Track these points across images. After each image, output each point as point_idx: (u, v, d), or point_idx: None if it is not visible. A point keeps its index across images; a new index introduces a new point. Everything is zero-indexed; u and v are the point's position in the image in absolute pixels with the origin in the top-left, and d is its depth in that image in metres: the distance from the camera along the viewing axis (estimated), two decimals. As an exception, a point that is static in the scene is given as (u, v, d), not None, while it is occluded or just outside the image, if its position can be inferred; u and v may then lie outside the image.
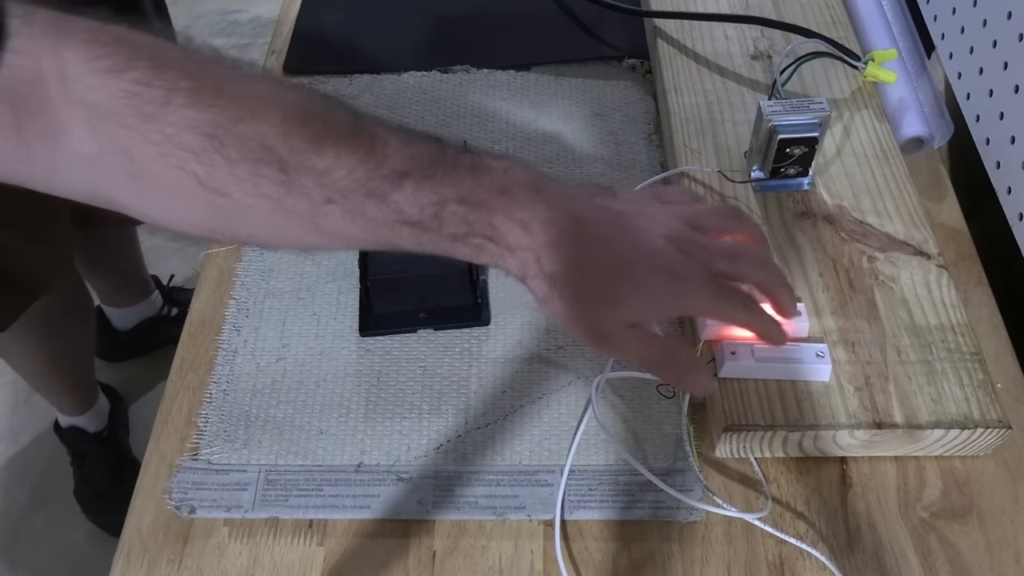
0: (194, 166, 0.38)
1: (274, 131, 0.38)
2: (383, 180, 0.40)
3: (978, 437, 0.51)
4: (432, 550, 0.51)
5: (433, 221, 0.41)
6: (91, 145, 0.37)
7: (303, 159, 0.39)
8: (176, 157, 0.37)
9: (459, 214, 0.41)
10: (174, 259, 1.61)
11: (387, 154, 0.40)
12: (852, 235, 0.59)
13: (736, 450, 0.53)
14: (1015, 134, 0.60)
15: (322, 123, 0.40)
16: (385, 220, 0.41)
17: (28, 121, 0.36)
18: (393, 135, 0.41)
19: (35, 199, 0.85)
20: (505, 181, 0.43)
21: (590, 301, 0.43)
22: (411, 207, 0.41)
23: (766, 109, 0.58)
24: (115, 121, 0.36)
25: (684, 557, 0.50)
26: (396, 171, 0.40)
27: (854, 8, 0.75)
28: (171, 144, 0.37)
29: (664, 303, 0.45)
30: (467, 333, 0.60)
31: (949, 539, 0.51)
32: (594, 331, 0.44)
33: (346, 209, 0.40)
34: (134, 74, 0.36)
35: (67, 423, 1.30)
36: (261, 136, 0.38)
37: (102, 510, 1.30)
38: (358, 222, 0.41)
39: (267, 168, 0.38)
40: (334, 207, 0.40)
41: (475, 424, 0.56)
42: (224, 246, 0.66)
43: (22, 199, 0.90)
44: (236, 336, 0.61)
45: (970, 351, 0.53)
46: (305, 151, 0.39)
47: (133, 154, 0.37)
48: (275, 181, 0.39)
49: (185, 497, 0.53)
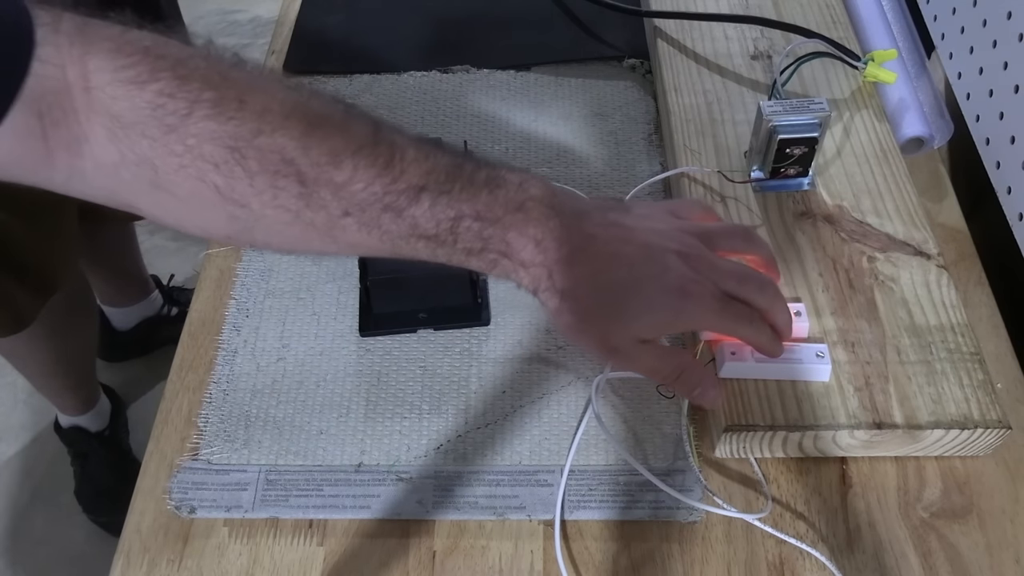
0: (214, 177, 0.38)
1: (294, 144, 0.39)
2: (400, 194, 0.40)
3: (978, 437, 0.51)
4: (432, 550, 0.51)
5: (449, 235, 0.42)
6: (113, 155, 0.37)
7: (322, 172, 0.39)
8: (197, 168, 0.38)
9: (474, 230, 0.42)
10: (174, 259, 1.61)
11: (405, 167, 0.41)
12: (852, 235, 0.59)
13: (736, 450, 0.53)
14: (1015, 134, 0.60)
15: (342, 134, 0.40)
16: (401, 233, 0.42)
17: (53, 130, 0.36)
18: (411, 146, 0.41)
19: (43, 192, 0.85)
20: (520, 197, 0.43)
21: (600, 317, 0.44)
22: (427, 222, 0.41)
23: (766, 109, 0.58)
24: (138, 132, 0.37)
25: (684, 557, 0.50)
26: (413, 185, 0.41)
27: (854, 8, 0.75)
28: (192, 156, 0.37)
29: (673, 320, 0.46)
30: (467, 333, 0.60)
31: (949, 539, 0.51)
32: (604, 346, 0.45)
33: (362, 222, 0.41)
34: (157, 85, 0.36)
35: (68, 423, 1.30)
36: (281, 149, 0.38)
37: (105, 510, 1.30)
38: (374, 234, 0.41)
39: (287, 181, 0.39)
40: (351, 219, 0.41)
41: (475, 424, 0.56)
42: (225, 246, 0.66)
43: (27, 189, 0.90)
44: (236, 336, 0.61)
45: (970, 351, 0.53)
46: (325, 164, 0.39)
47: (156, 165, 0.37)
48: (294, 194, 0.39)
49: (185, 497, 0.53)
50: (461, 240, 0.42)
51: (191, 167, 0.38)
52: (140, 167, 0.37)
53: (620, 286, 0.44)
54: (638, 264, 0.45)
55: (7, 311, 1.03)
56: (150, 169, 0.38)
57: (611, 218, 0.46)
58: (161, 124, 0.36)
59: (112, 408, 1.34)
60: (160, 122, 0.36)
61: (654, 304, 0.44)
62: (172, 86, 0.36)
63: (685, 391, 0.48)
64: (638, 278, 0.44)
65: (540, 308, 0.45)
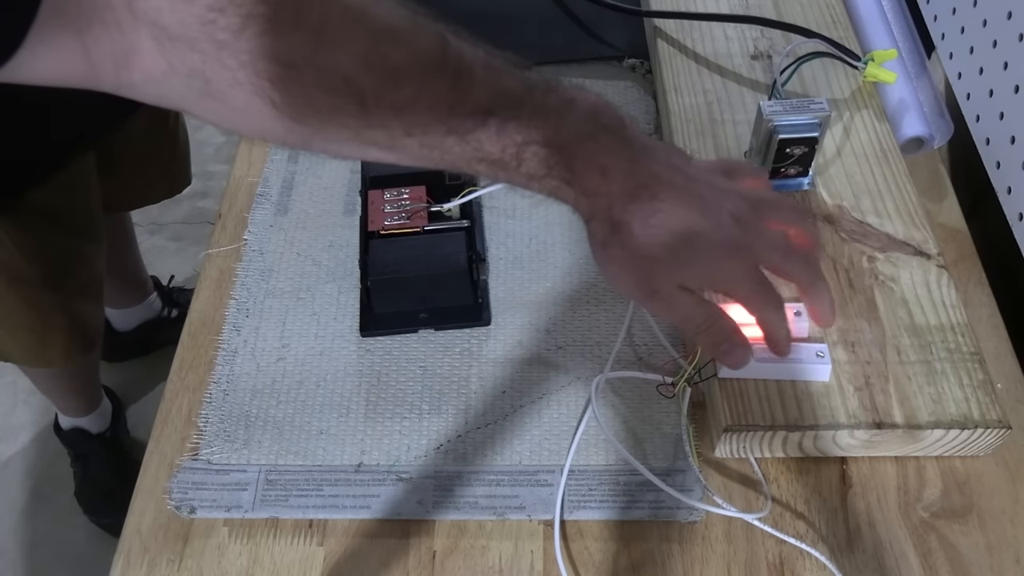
0: (271, 93, 0.36)
1: (355, 63, 0.37)
2: (466, 117, 0.39)
3: (978, 437, 0.51)
4: (432, 550, 0.51)
5: (513, 160, 0.41)
6: (162, 65, 0.36)
7: (383, 92, 0.38)
8: (252, 85, 0.36)
9: (540, 156, 0.41)
10: (174, 259, 1.61)
11: (472, 88, 0.39)
12: (852, 235, 0.59)
13: (736, 450, 0.53)
14: (1015, 134, 0.60)
15: (406, 51, 0.38)
16: (464, 156, 0.41)
17: (95, 46, 0.34)
18: (479, 64, 0.40)
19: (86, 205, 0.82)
20: (591, 124, 0.42)
21: (649, 255, 0.44)
22: (492, 146, 0.40)
23: (766, 109, 0.58)
24: (187, 45, 0.35)
25: (684, 557, 0.50)
26: (480, 107, 0.39)
27: (854, 8, 0.75)
28: (247, 72, 0.36)
29: (713, 274, 0.45)
30: (467, 333, 0.60)
31: (949, 539, 0.51)
32: (645, 287, 0.45)
33: (424, 143, 0.40)
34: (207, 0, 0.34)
35: (69, 424, 1.30)
36: (340, 67, 0.37)
37: (106, 511, 1.30)
38: (435, 153, 0.40)
39: (346, 100, 0.37)
40: (413, 140, 0.39)
41: (475, 424, 0.56)
42: (225, 246, 0.66)
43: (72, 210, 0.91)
44: (236, 336, 0.61)
45: (970, 351, 0.53)
46: (386, 83, 0.38)
47: (208, 77, 0.36)
48: (353, 114, 0.38)
49: (185, 497, 0.53)
50: (525, 165, 0.41)
51: (246, 83, 0.36)
52: (191, 78, 0.36)
53: (674, 229, 0.44)
54: (695, 213, 0.44)
55: (80, 333, 1.03)
56: (202, 80, 0.36)
57: (675, 162, 0.46)
58: (212, 40, 0.35)
59: (113, 409, 1.34)
60: (211, 38, 0.35)
61: (701, 254, 0.44)
62: (223, 1, 0.34)
63: (712, 343, 0.47)
64: (691, 226, 0.44)
65: (530, 296, 0.44)
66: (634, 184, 0.43)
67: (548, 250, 0.64)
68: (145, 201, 1.19)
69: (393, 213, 0.62)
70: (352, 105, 0.38)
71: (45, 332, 0.99)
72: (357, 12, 0.38)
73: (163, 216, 1.67)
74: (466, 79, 0.39)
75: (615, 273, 0.45)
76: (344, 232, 0.66)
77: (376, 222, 0.61)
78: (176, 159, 1.15)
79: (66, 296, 0.97)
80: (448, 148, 0.40)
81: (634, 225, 0.43)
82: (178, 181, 1.18)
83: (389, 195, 0.63)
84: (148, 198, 1.19)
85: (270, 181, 0.70)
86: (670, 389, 0.55)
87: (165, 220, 1.68)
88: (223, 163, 1.75)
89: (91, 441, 1.30)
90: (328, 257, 0.65)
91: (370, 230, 0.61)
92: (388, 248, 0.60)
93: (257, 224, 0.67)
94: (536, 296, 0.62)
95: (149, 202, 1.20)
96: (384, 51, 0.38)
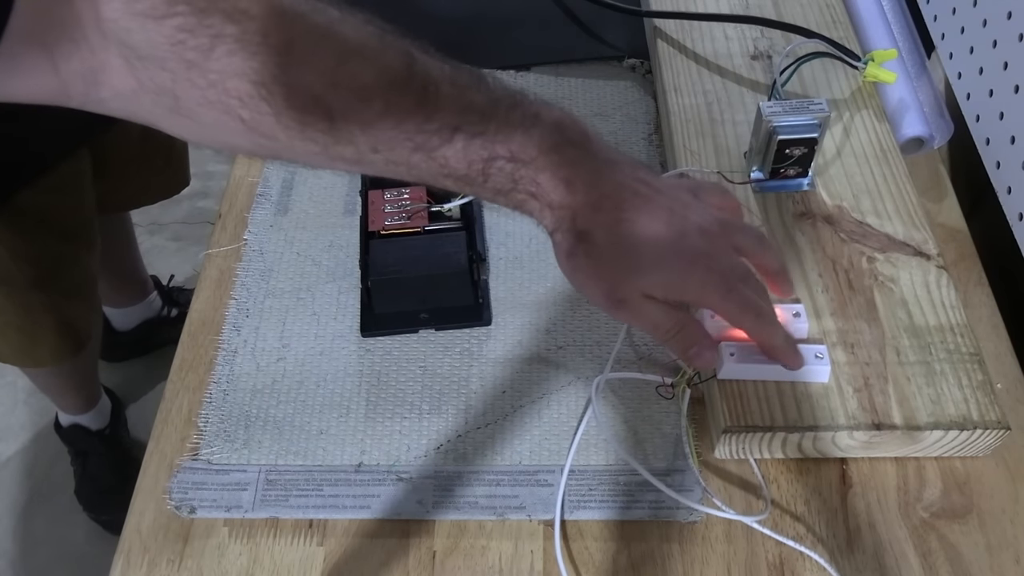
0: (240, 111, 0.37)
1: (323, 81, 0.37)
2: (432, 134, 0.40)
3: (977, 438, 0.51)
4: (432, 550, 0.51)
5: (479, 176, 0.41)
6: (131, 83, 0.36)
7: (351, 109, 0.38)
8: (221, 103, 0.37)
9: (506, 171, 0.41)
10: (174, 259, 1.61)
11: (439, 105, 0.40)
12: (852, 236, 0.59)
13: (735, 451, 0.53)
14: (1015, 134, 0.60)
15: (374, 69, 0.39)
16: (430, 171, 0.41)
17: (64, 63, 0.35)
18: (446, 81, 0.40)
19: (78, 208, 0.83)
20: (556, 137, 0.42)
21: (614, 265, 0.44)
22: (459, 162, 0.41)
23: (766, 110, 0.58)
24: (157, 64, 0.35)
25: (684, 557, 0.50)
26: (446, 124, 0.40)
27: (854, 8, 0.75)
28: (216, 91, 0.36)
29: (680, 284, 0.45)
30: (467, 333, 0.60)
31: (949, 539, 0.51)
32: (611, 296, 0.45)
33: (390, 160, 0.40)
34: (176, 21, 0.35)
35: (69, 421, 1.30)
36: (308, 86, 0.37)
37: (106, 508, 1.30)
38: (401, 169, 0.41)
39: (314, 117, 0.38)
40: (379, 156, 0.40)
41: (475, 424, 0.56)
42: (225, 246, 0.66)
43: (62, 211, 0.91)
44: (236, 336, 0.61)
45: (969, 352, 0.53)
46: (353, 101, 0.38)
47: (177, 95, 0.36)
48: (321, 130, 0.38)
49: (185, 497, 0.53)
50: (492, 180, 0.42)
51: (215, 101, 0.36)
52: (161, 96, 0.36)
53: (638, 239, 0.44)
54: (662, 223, 0.44)
55: (70, 334, 1.03)
56: (171, 98, 0.37)
57: (640, 175, 0.46)
58: (181, 59, 0.35)
59: (112, 407, 1.34)
60: (180, 57, 0.35)
61: (667, 264, 0.44)
62: (191, 21, 0.35)
63: (681, 349, 0.47)
64: (656, 236, 0.44)
65: (530, 296, 0.44)
66: (598, 195, 0.43)
67: (548, 250, 0.63)
68: (142, 202, 1.19)
69: (393, 213, 0.62)
70: (320, 122, 0.38)
71: (34, 332, 1.00)
72: (324, 31, 0.38)
73: (163, 216, 1.67)
74: (432, 96, 0.40)
75: (582, 283, 0.45)
76: (344, 232, 0.66)
77: (376, 222, 0.61)
78: (173, 160, 1.15)
79: (56, 297, 0.97)
80: (415, 164, 0.41)
81: (598, 235, 0.43)
82: (176, 182, 1.18)
83: (389, 195, 0.63)
84: (145, 199, 1.19)
85: (270, 181, 0.70)
86: (670, 390, 0.55)
87: (165, 220, 1.68)
88: (223, 163, 1.75)
89: (91, 438, 1.30)
90: (328, 257, 0.65)
91: (370, 230, 0.61)
92: (388, 248, 0.60)
93: (257, 224, 0.67)
94: (536, 296, 0.62)
95: (146, 203, 1.20)
96: (351, 69, 0.38)
